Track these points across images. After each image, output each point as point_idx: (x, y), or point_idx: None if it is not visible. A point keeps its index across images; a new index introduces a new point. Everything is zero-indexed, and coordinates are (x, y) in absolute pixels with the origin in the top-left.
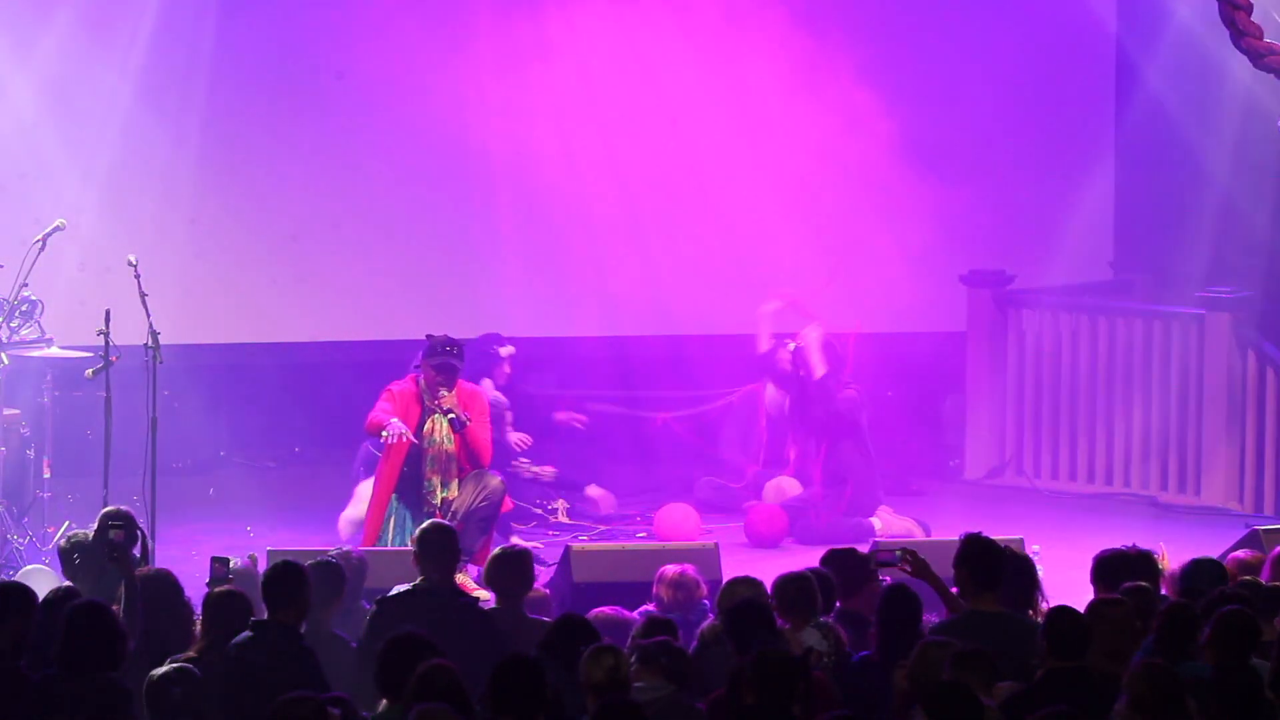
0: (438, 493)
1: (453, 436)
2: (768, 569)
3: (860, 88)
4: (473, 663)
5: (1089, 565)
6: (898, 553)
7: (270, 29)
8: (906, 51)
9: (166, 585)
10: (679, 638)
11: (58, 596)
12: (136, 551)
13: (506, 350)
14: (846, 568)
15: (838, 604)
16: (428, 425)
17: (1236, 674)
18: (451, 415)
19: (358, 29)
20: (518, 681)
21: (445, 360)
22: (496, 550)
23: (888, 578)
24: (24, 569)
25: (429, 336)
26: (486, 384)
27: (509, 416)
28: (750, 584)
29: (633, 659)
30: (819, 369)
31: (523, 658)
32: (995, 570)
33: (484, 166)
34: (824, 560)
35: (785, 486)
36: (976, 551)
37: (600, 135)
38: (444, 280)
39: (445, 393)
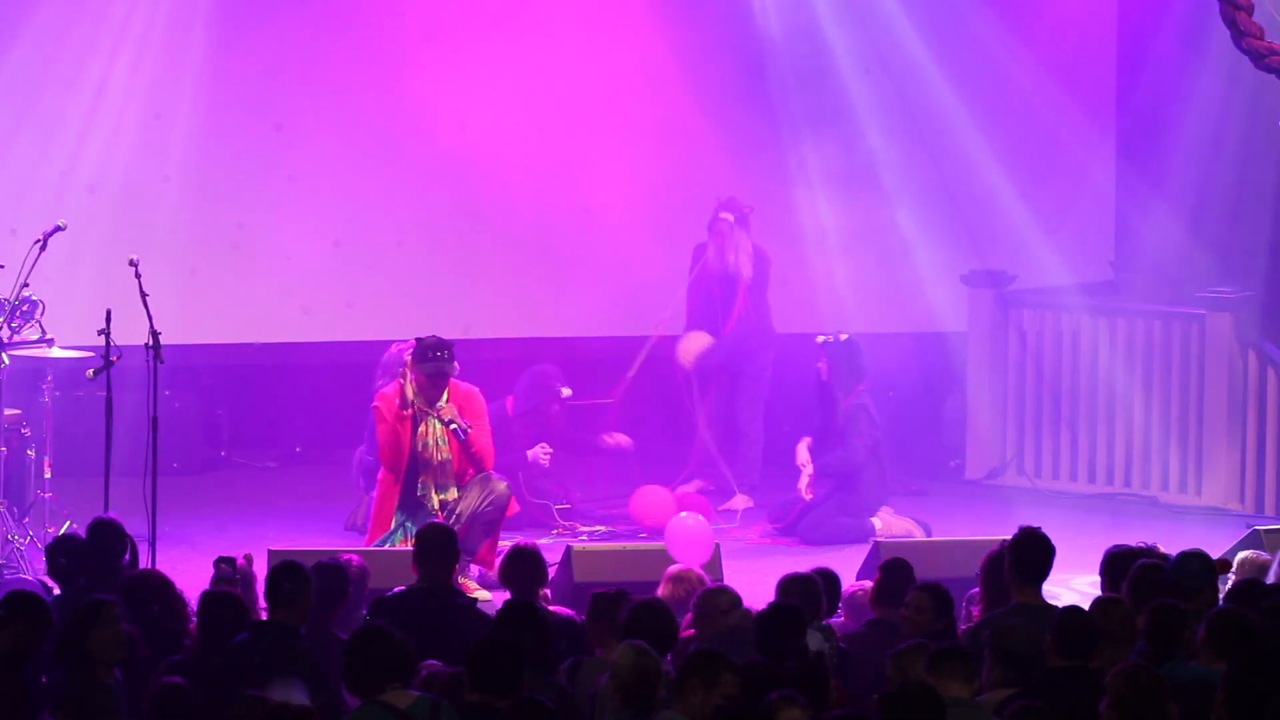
0: (433, 496)
1: (447, 438)
2: (769, 569)
3: (861, 89)
4: None
5: (1087, 565)
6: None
7: (265, 31)
8: (906, 51)
9: (157, 585)
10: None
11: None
12: (125, 559)
13: (566, 392)
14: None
15: (873, 615)
16: (421, 428)
17: (1245, 675)
18: (454, 426)
19: (353, 34)
20: (494, 662)
21: (436, 366)
22: (510, 548)
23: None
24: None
25: (418, 340)
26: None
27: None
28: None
29: None
30: (745, 269)
31: (502, 640)
32: (1044, 564)
33: (482, 168)
34: (882, 567)
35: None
36: (1024, 543)
37: (596, 136)
38: (444, 281)
39: (442, 403)
